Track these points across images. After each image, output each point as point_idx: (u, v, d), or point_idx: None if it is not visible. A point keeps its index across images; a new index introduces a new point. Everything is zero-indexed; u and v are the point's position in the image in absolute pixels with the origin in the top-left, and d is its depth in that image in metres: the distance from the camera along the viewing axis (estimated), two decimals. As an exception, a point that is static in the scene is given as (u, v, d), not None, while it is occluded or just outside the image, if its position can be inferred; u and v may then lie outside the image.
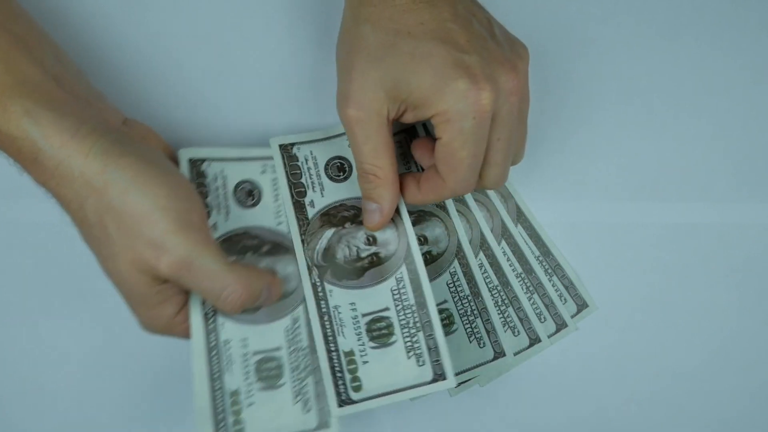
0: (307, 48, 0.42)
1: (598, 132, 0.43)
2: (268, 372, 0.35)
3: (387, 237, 0.37)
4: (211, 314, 0.35)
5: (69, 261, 0.40)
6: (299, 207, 0.38)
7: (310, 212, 0.38)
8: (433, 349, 0.35)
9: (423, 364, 0.35)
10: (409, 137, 0.42)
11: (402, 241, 0.37)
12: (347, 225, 0.38)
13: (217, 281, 0.31)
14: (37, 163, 0.30)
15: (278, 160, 0.39)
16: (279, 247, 0.37)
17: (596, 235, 0.43)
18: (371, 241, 0.37)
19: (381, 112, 0.33)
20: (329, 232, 0.38)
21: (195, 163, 0.37)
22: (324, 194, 0.39)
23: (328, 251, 0.38)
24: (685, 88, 0.44)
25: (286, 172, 0.39)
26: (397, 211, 0.38)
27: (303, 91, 0.41)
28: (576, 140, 0.43)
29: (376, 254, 0.37)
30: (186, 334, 0.34)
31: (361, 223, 0.38)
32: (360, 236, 0.38)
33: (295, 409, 0.34)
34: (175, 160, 0.37)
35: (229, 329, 0.35)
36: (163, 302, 0.32)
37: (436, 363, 0.35)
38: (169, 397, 0.41)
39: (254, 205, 0.37)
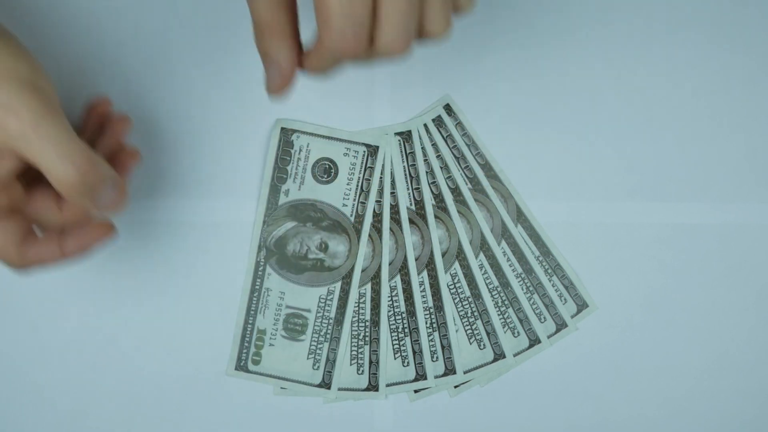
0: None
1: (598, 132, 0.43)
2: (294, 326, 0.40)
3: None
4: (262, 263, 0.40)
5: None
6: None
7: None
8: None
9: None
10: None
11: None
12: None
13: (61, 148, 0.29)
14: None
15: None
16: (337, 225, 0.40)
17: (596, 235, 0.43)
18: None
19: None
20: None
21: (286, 132, 0.41)
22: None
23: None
24: (684, 88, 0.44)
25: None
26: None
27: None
28: (576, 140, 0.43)
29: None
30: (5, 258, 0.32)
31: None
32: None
33: (307, 363, 0.40)
34: (44, 74, 0.33)
35: (273, 280, 0.40)
36: None
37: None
38: (168, 396, 0.41)
39: (328, 182, 0.40)
